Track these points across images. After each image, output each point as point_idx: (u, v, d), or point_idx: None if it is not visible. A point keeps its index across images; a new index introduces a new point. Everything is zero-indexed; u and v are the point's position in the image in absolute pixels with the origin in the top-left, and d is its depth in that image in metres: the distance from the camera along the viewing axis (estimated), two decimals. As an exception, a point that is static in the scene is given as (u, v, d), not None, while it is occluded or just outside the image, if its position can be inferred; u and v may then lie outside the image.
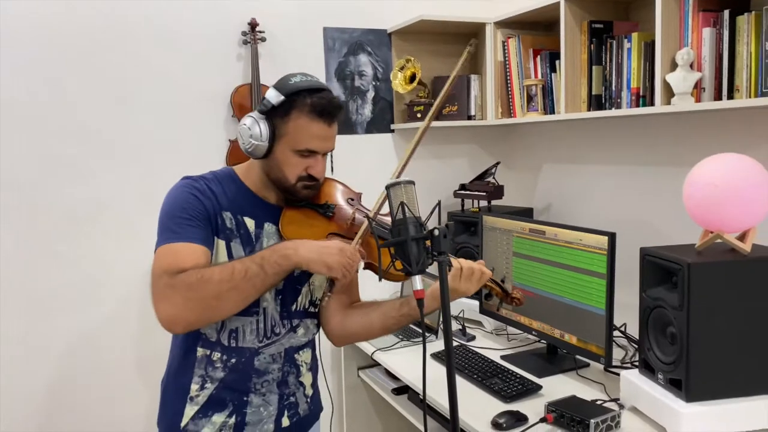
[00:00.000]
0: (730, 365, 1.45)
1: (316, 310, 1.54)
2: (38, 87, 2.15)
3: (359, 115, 2.64)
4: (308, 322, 1.52)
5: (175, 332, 1.33)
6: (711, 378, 1.44)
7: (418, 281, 1.03)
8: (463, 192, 2.59)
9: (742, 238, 1.51)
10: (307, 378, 1.54)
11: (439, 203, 1.10)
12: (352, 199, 1.53)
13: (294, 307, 1.48)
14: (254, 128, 1.36)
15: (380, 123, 2.68)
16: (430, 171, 2.78)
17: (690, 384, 1.44)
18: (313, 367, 1.58)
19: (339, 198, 1.51)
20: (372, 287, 1.63)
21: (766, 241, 1.58)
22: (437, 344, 2.25)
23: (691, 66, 1.73)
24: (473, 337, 2.30)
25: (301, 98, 1.35)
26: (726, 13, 1.66)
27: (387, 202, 1.08)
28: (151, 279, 1.30)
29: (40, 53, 2.15)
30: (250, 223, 1.42)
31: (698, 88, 1.74)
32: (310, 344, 1.55)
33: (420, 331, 2.39)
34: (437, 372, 1.99)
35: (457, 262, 1.38)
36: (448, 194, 2.75)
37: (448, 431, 1.87)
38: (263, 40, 2.40)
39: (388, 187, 1.07)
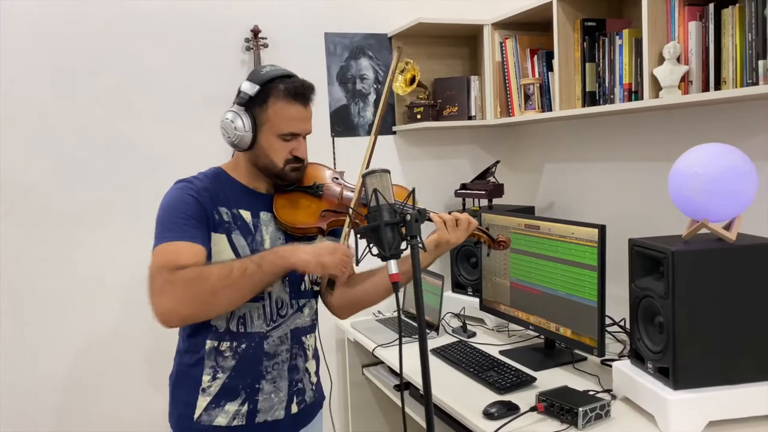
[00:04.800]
0: (716, 353, 1.46)
1: (318, 288, 1.60)
2: (48, 92, 2.24)
3: (361, 118, 2.70)
4: (313, 302, 1.60)
5: (170, 326, 1.35)
6: (698, 365, 1.45)
7: (393, 265, 1.07)
8: (463, 191, 2.62)
9: (728, 227, 1.52)
10: (311, 365, 1.60)
11: (413, 190, 1.13)
12: (337, 178, 1.61)
13: (302, 287, 1.55)
14: (237, 121, 1.44)
15: (382, 125, 2.72)
16: (433, 171, 2.82)
17: (677, 372, 1.45)
18: (316, 356, 1.64)
19: (325, 178, 1.60)
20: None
21: (752, 230, 1.59)
22: (437, 340, 2.28)
23: (678, 59, 1.75)
24: (474, 334, 2.33)
25: (275, 85, 1.43)
26: (711, 6, 1.68)
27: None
28: (149, 275, 1.34)
29: (50, 60, 2.24)
30: (246, 214, 1.48)
31: (686, 81, 1.75)
32: (314, 328, 1.61)
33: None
34: (437, 367, 2.02)
35: (439, 216, 1.48)
36: (450, 194, 2.79)
37: (446, 423, 1.90)
38: (266, 46, 2.47)
39: (363, 176, 1.12)
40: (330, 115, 2.64)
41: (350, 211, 1.15)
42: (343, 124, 2.66)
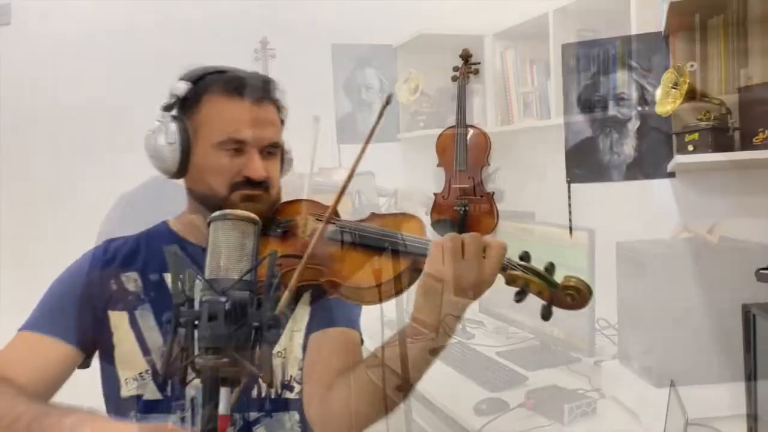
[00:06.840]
0: (697, 352, 1.50)
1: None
2: (54, 98, 2.32)
3: (366, 126, 2.78)
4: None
5: None
6: (679, 365, 1.50)
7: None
8: (465, 197, 2.68)
9: (711, 230, 1.57)
10: None
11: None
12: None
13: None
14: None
15: (387, 133, 2.81)
16: (436, 178, 2.88)
17: (659, 371, 1.50)
18: None
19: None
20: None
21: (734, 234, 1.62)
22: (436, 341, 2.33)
23: (665, 68, 1.80)
24: (473, 336, 2.38)
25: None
26: (696, 16, 1.73)
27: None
28: None
29: (59, 64, 2.33)
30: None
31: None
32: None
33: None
34: (434, 366, 2.07)
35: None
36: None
37: (440, 420, 1.95)
38: (273, 56, 2.56)
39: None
40: (336, 124, 2.72)
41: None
42: (348, 132, 2.74)
